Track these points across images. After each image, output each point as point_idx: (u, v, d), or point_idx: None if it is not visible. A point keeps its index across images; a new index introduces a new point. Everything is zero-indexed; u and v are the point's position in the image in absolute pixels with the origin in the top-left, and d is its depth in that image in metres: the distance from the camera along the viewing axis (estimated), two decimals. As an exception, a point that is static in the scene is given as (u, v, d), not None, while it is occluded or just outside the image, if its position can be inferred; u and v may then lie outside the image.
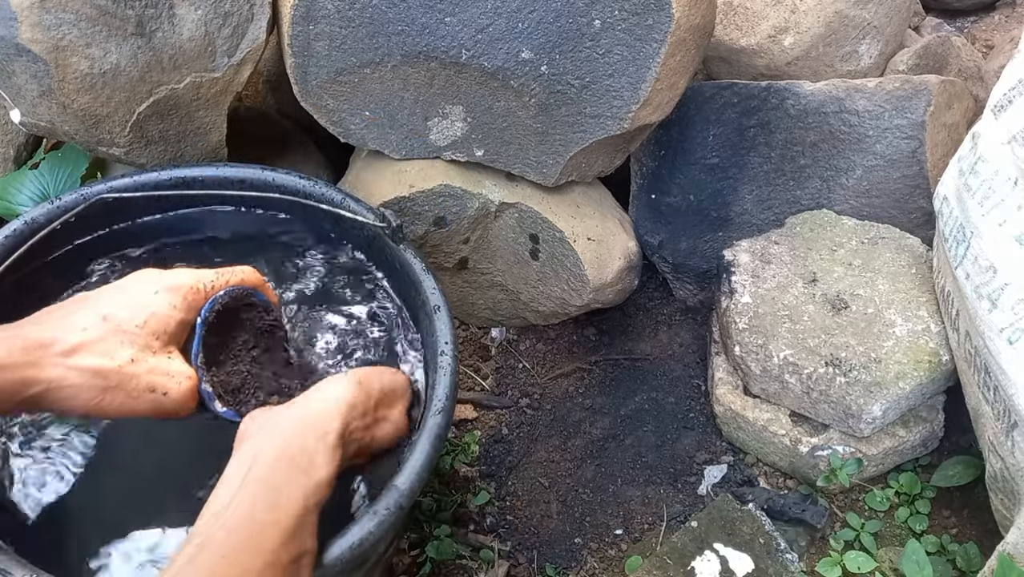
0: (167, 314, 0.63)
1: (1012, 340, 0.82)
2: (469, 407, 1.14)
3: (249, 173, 0.86)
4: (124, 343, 0.60)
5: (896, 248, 1.08)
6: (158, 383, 0.61)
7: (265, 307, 0.72)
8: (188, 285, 0.65)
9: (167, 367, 0.62)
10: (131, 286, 0.65)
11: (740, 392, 1.07)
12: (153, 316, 0.62)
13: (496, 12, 0.86)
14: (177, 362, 0.63)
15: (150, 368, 0.61)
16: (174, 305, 0.64)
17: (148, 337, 0.62)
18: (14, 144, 1.17)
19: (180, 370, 0.63)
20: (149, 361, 0.61)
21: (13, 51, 0.82)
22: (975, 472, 0.99)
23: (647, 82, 0.89)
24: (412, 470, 0.65)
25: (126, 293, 0.64)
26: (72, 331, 0.59)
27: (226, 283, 0.68)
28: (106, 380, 0.59)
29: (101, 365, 0.59)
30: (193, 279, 0.66)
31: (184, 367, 0.64)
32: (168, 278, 0.65)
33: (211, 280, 0.67)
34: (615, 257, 1.07)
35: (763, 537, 0.93)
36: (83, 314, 0.61)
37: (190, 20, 0.86)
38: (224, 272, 0.69)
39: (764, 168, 1.14)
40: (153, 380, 0.61)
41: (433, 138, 0.99)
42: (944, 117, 1.09)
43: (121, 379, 0.60)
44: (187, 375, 0.63)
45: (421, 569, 0.96)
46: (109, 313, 0.61)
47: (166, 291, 0.64)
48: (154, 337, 0.62)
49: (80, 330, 0.60)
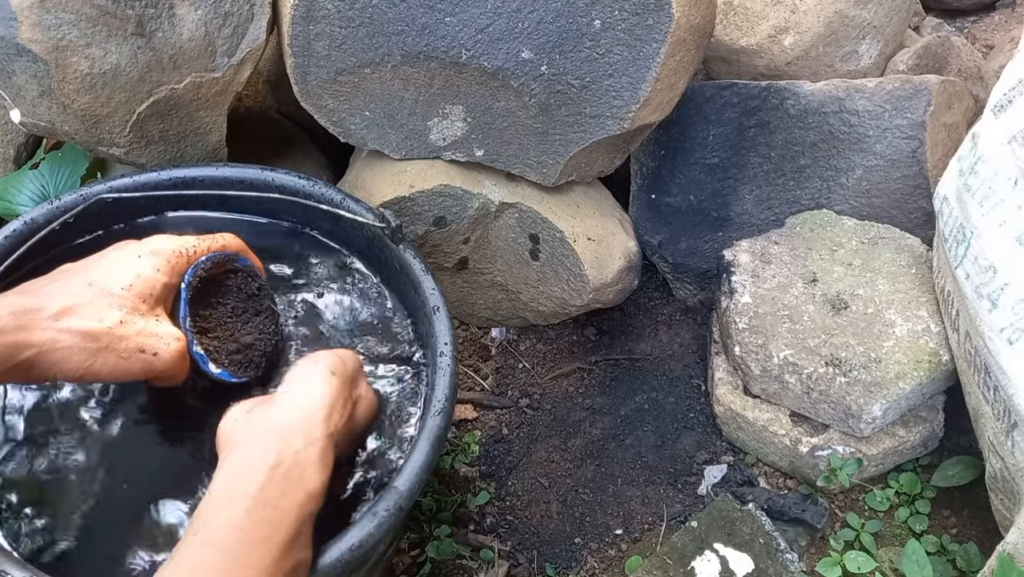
0: (152, 277, 0.64)
1: (1012, 340, 0.82)
2: (469, 407, 1.14)
3: (249, 173, 0.86)
4: (112, 305, 0.61)
5: (896, 248, 1.08)
6: (147, 344, 0.62)
7: (250, 272, 0.73)
8: (170, 249, 0.66)
9: (155, 329, 0.63)
10: (113, 253, 0.66)
11: (740, 392, 1.07)
12: (138, 279, 0.63)
13: (496, 12, 0.86)
14: (165, 324, 0.64)
15: (139, 330, 0.62)
16: (158, 268, 0.64)
17: (135, 299, 0.62)
18: (14, 144, 1.17)
19: (168, 332, 0.63)
20: (138, 323, 0.62)
21: (13, 51, 0.82)
22: (975, 472, 0.99)
23: (647, 82, 0.89)
24: (412, 471, 0.65)
25: (109, 259, 0.65)
26: (59, 296, 0.60)
27: (208, 248, 0.69)
28: (96, 342, 0.60)
29: (91, 327, 0.59)
30: (175, 244, 0.67)
31: (172, 329, 0.64)
32: (150, 243, 0.66)
33: (193, 245, 0.68)
34: (615, 257, 1.07)
35: (763, 537, 0.93)
36: (68, 281, 0.62)
37: (190, 20, 0.86)
38: (206, 238, 0.69)
39: (764, 168, 1.14)
40: (142, 341, 0.61)
41: (433, 138, 0.99)
42: (944, 117, 1.09)
43: (111, 340, 0.60)
44: (175, 336, 0.64)
45: (421, 569, 0.96)
46: (95, 279, 0.62)
47: (149, 255, 0.65)
48: (140, 300, 0.63)
49: (68, 295, 0.60)
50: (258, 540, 0.52)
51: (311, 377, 0.63)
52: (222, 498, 0.54)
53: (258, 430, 0.59)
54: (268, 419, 0.60)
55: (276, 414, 0.60)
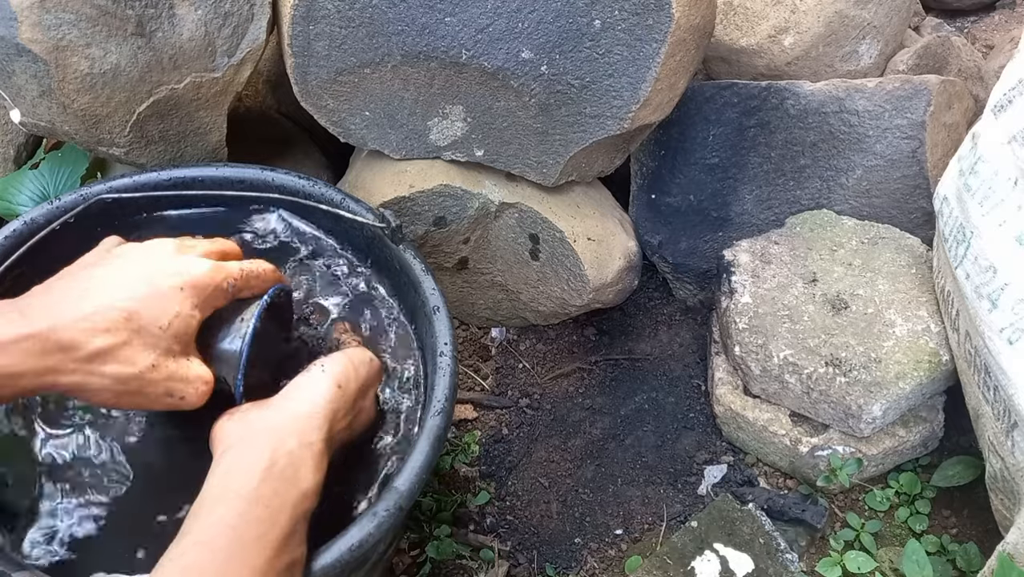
0: (190, 315, 0.61)
1: (1012, 340, 0.82)
2: (469, 407, 1.14)
3: (249, 173, 0.86)
4: (147, 347, 0.59)
5: (896, 248, 1.08)
6: (176, 388, 0.60)
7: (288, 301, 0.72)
8: (213, 285, 0.63)
9: (186, 372, 0.61)
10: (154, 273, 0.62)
11: (740, 392, 1.07)
12: (177, 318, 0.60)
13: (496, 12, 0.86)
14: (196, 366, 0.62)
15: (170, 374, 0.60)
16: (196, 307, 0.62)
17: (170, 340, 0.60)
18: (14, 144, 1.17)
19: (198, 375, 0.62)
20: (170, 367, 0.60)
21: (13, 51, 0.82)
22: (975, 472, 0.99)
23: (647, 82, 0.89)
24: (412, 471, 0.65)
25: (150, 285, 0.60)
26: (95, 334, 0.57)
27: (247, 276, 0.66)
28: (126, 386, 0.58)
29: (123, 372, 0.58)
30: (218, 278, 0.64)
31: (202, 371, 0.62)
32: (193, 272, 0.63)
33: (235, 278, 0.65)
34: (615, 257, 1.07)
35: (763, 537, 0.93)
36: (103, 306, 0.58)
37: (190, 20, 0.86)
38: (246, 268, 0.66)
39: (764, 168, 1.14)
40: (171, 386, 0.60)
41: (433, 138, 0.99)
42: (944, 117, 1.09)
43: (141, 385, 0.59)
44: (204, 380, 0.62)
45: (421, 569, 0.96)
46: (132, 312, 0.58)
47: (191, 289, 0.62)
48: (176, 341, 0.60)
49: (103, 332, 0.57)
50: (251, 539, 0.52)
51: (314, 385, 0.63)
52: (214, 498, 0.55)
53: (254, 430, 0.59)
54: (263, 420, 0.60)
55: (271, 415, 0.60)
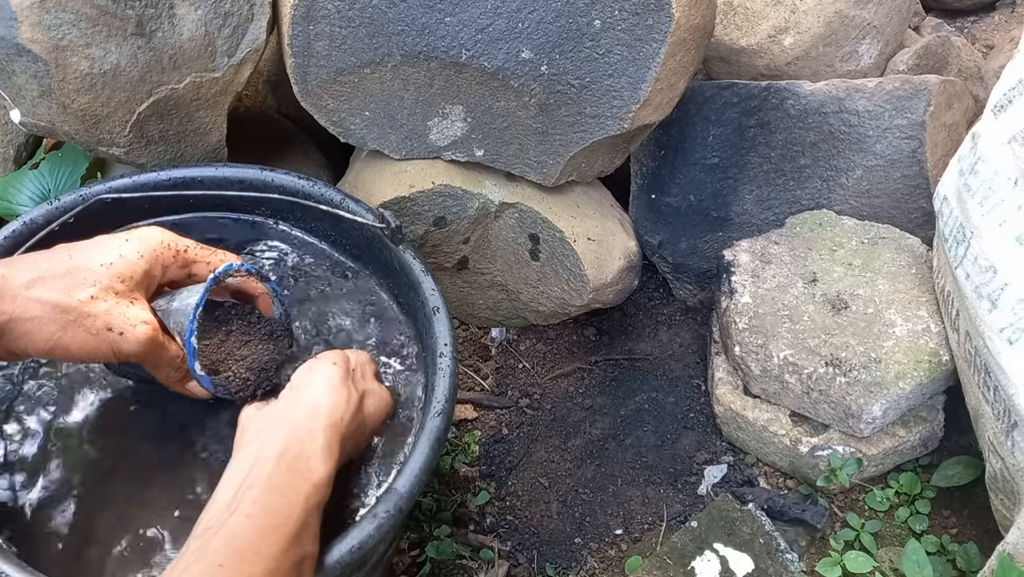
0: (134, 261, 0.64)
1: (1012, 340, 0.82)
2: (469, 407, 1.14)
3: (249, 173, 0.86)
4: (87, 280, 0.61)
5: (896, 248, 1.08)
6: (115, 323, 0.61)
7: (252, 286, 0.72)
8: (158, 240, 0.66)
9: (125, 309, 0.62)
10: (103, 236, 0.66)
11: (740, 392, 1.07)
12: (120, 259, 0.63)
13: (496, 12, 0.85)
14: (138, 308, 0.63)
15: (108, 308, 0.61)
16: (141, 254, 0.65)
17: (112, 278, 0.62)
18: (14, 144, 1.17)
19: (138, 315, 0.63)
20: (109, 301, 0.62)
21: (13, 51, 0.82)
22: (975, 472, 0.99)
23: (647, 82, 0.89)
24: (412, 472, 0.65)
25: (97, 240, 0.66)
26: (35, 267, 0.61)
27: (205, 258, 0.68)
28: (66, 314, 0.60)
29: (61, 299, 0.60)
30: (165, 236, 0.67)
31: (144, 313, 0.63)
32: (140, 231, 0.67)
33: (186, 245, 0.68)
34: (615, 257, 1.07)
35: (763, 537, 0.93)
36: (50, 255, 0.63)
37: (190, 20, 0.86)
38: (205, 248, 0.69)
39: (764, 168, 1.14)
40: (111, 320, 0.61)
41: (433, 138, 0.99)
42: (944, 117, 1.09)
43: (80, 315, 0.60)
44: (144, 319, 0.63)
45: (421, 569, 0.96)
46: (75, 250, 0.63)
47: (136, 240, 0.65)
48: (118, 279, 0.63)
49: (44, 266, 0.61)
50: (267, 528, 0.54)
51: (314, 374, 0.65)
52: (230, 485, 0.56)
53: (270, 423, 0.62)
54: (275, 415, 0.63)
55: (281, 409, 0.63)
